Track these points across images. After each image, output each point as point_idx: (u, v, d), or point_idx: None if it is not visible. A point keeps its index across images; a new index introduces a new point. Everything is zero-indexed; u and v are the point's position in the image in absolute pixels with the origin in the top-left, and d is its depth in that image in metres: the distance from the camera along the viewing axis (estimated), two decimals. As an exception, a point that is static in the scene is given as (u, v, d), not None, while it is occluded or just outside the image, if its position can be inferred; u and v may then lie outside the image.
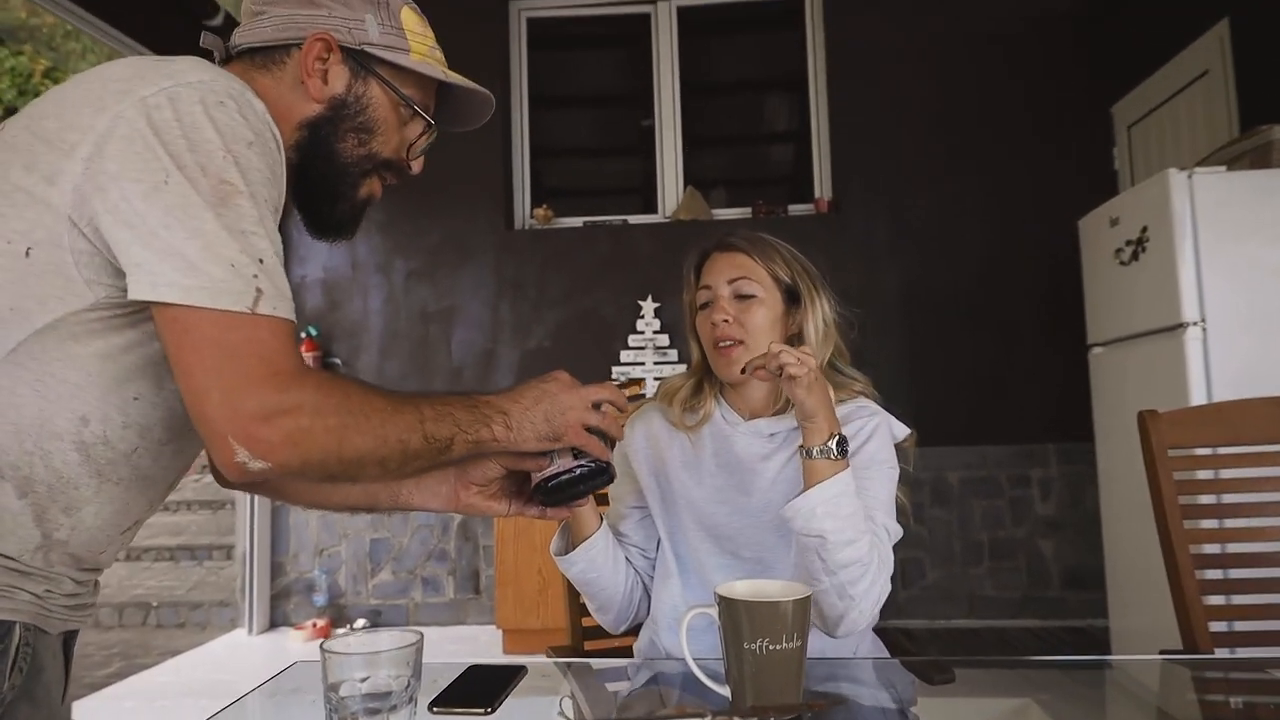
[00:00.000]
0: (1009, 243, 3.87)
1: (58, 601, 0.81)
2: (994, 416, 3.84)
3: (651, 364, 3.91)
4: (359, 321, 4.13)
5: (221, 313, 0.69)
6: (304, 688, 1.05)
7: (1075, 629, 3.66)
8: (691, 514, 1.24)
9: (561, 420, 0.90)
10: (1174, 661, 1.12)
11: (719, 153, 4.45)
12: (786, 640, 0.80)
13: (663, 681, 1.08)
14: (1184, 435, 1.30)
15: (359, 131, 0.93)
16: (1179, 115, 3.41)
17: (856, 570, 1.03)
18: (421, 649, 0.74)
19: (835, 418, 1.09)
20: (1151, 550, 1.35)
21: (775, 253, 1.27)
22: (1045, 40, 3.92)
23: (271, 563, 4.05)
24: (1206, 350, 2.37)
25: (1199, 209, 2.40)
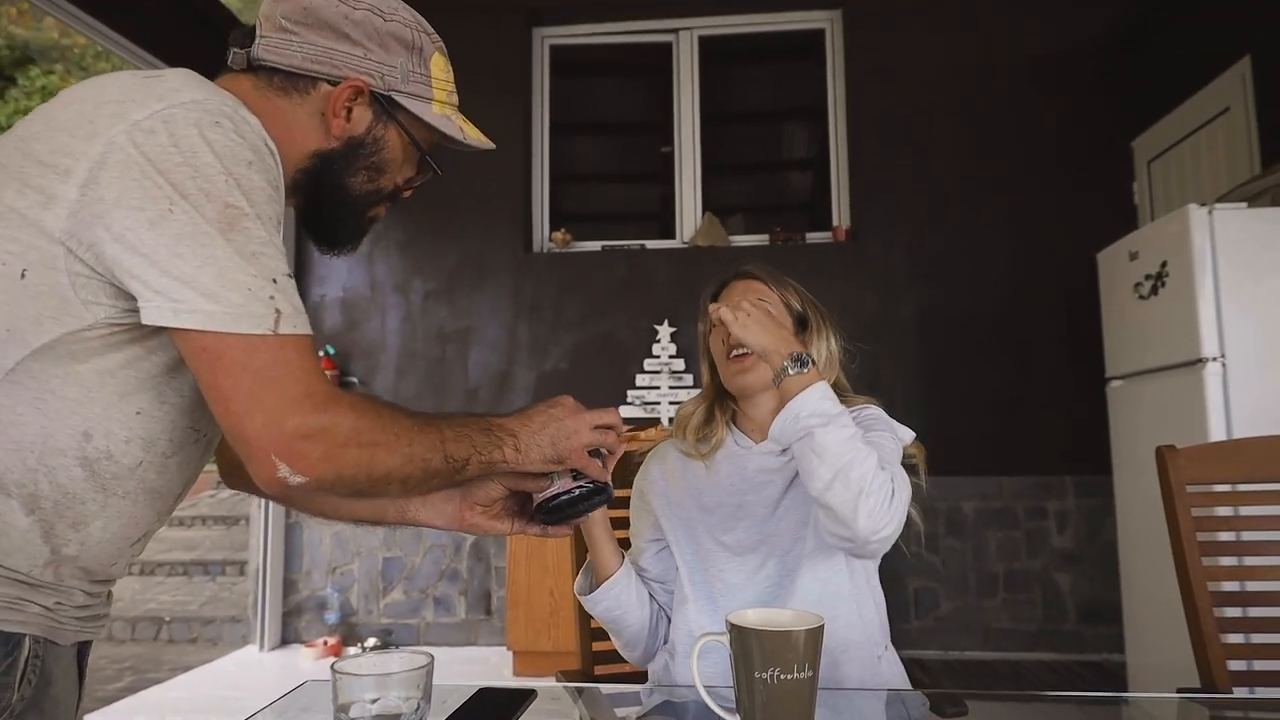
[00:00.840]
0: (1027, 274, 3.86)
1: (69, 614, 0.81)
2: (1011, 447, 3.81)
3: (667, 388, 3.92)
4: (376, 341, 4.16)
5: (245, 336, 0.70)
6: (314, 707, 1.05)
7: (1091, 664, 3.60)
8: (711, 536, 1.25)
9: (566, 444, 0.91)
10: (1191, 700, 1.10)
11: (738, 180, 4.48)
12: (798, 670, 0.80)
13: (673, 709, 1.07)
14: (1203, 471, 1.29)
15: (370, 170, 0.95)
16: (1200, 151, 3.41)
17: (855, 454, 1.03)
18: (432, 671, 0.74)
19: (792, 342, 1.12)
20: (1169, 586, 1.34)
21: (789, 283, 1.33)
22: (1067, 73, 3.93)
23: (284, 579, 4.06)
24: (1226, 386, 2.35)
25: (1219, 244, 2.39)
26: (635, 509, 1.37)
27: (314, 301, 4.20)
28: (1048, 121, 3.92)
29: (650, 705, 1.07)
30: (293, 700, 1.06)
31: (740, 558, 1.23)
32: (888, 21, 4.07)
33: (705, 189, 4.28)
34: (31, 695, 0.76)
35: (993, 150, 3.94)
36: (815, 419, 1.05)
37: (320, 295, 4.20)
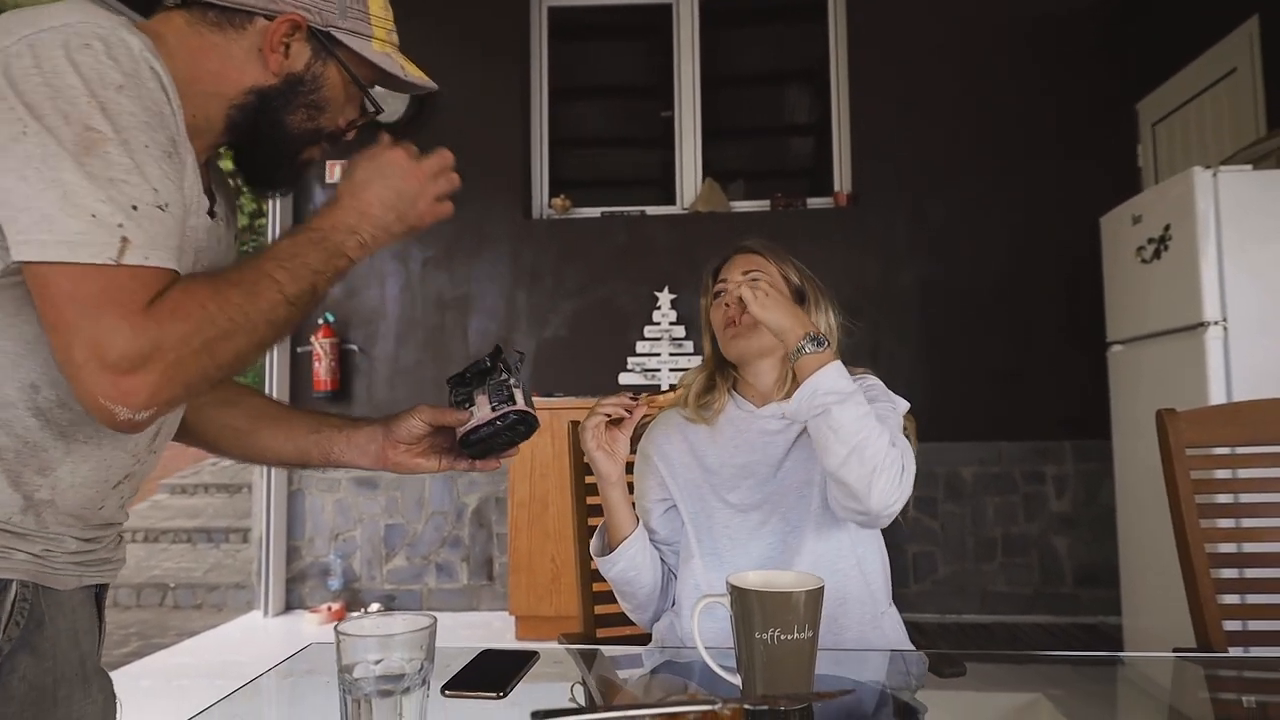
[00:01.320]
0: (1029, 239, 3.83)
1: (61, 559, 0.82)
2: (1010, 413, 3.81)
3: (667, 354, 3.91)
4: (376, 309, 4.15)
5: (80, 266, 0.67)
6: (318, 669, 1.06)
7: (1087, 626, 3.64)
8: (716, 495, 1.28)
9: (414, 212, 0.90)
10: (1187, 659, 1.12)
11: (738, 145, 4.43)
12: (798, 631, 0.81)
13: (675, 669, 1.09)
14: (1202, 434, 1.29)
15: (310, 108, 0.93)
16: (1205, 113, 3.36)
17: (868, 432, 1.08)
18: (435, 633, 0.75)
19: (807, 322, 1.16)
20: (1167, 548, 1.35)
21: (788, 258, 1.36)
22: (1071, 35, 3.87)
23: (287, 546, 4.09)
24: (1227, 350, 2.34)
25: (1223, 208, 2.37)
26: (640, 472, 1.38)
27: (312, 269, 4.18)
28: (1052, 84, 3.87)
29: (651, 668, 1.08)
30: (297, 663, 1.07)
31: (744, 515, 1.26)
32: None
33: (706, 154, 4.24)
34: (20, 636, 0.77)
35: (995, 114, 3.89)
36: (832, 396, 1.08)
37: (318, 263, 4.18)
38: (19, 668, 0.77)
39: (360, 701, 0.70)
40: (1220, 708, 1.00)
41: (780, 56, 4.41)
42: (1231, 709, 1.01)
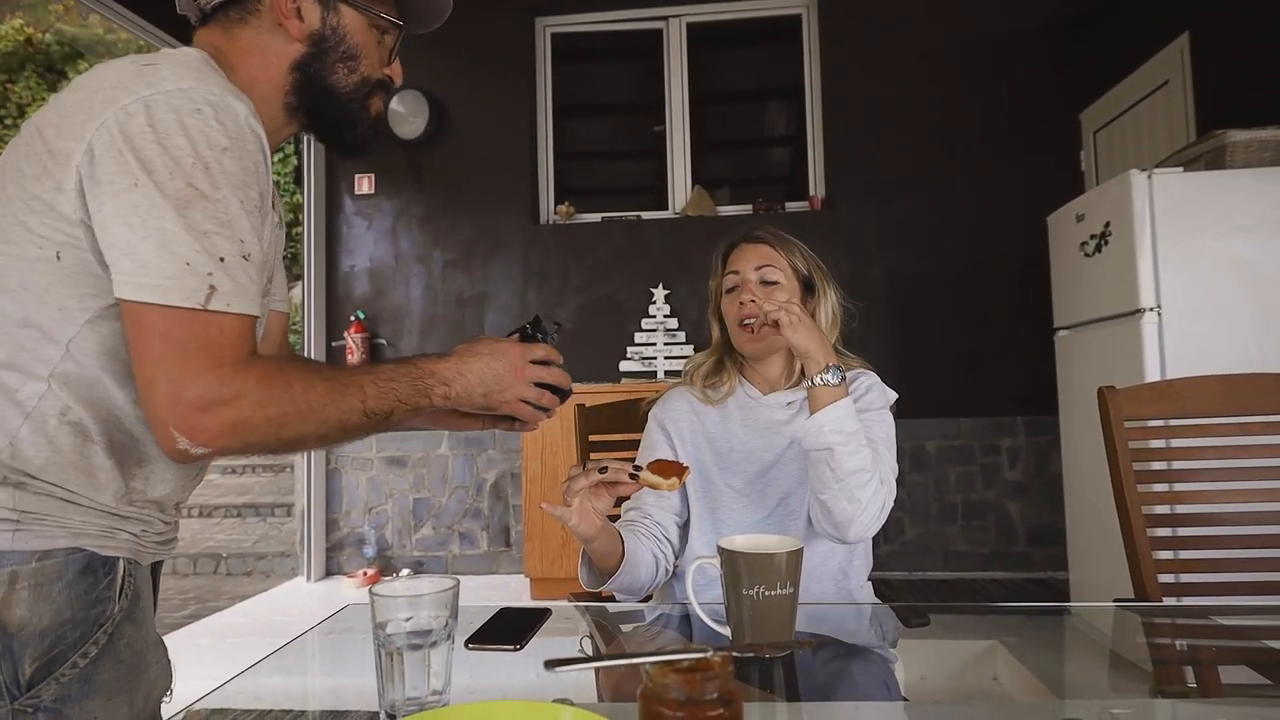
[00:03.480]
0: (984, 236, 3.83)
1: (151, 539, 0.83)
2: (968, 392, 3.82)
3: (662, 344, 3.91)
4: (402, 307, 4.14)
5: (171, 309, 0.68)
6: (355, 627, 1.06)
7: (1039, 580, 3.66)
8: (722, 479, 1.25)
9: (499, 398, 0.89)
10: (1126, 608, 1.12)
11: (724, 155, 4.41)
12: (780, 588, 0.81)
13: (671, 623, 1.09)
14: (1139, 408, 1.30)
15: (345, 60, 0.89)
16: (1141, 121, 3.36)
17: (862, 477, 1.07)
18: (458, 593, 0.75)
19: (830, 352, 1.12)
20: (1108, 511, 1.35)
21: (795, 247, 1.30)
22: (1020, 52, 3.85)
23: (326, 519, 4.10)
24: (1161, 333, 2.35)
25: (1157, 206, 2.36)
26: (653, 442, 1.31)
27: (344, 272, 4.17)
28: (1004, 97, 3.85)
29: (654, 619, 1.09)
30: (336, 622, 1.08)
31: (745, 499, 1.23)
32: (859, 7, 3.97)
33: (694, 164, 4.23)
34: (127, 608, 0.79)
35: (954, 124, 3.88)
36: (837, 437, 1.06)
37: (350, 266, 4.17)
38: (125, 635, 0.78)
39: (393, 654, 0.71)
40: (1156, 650, 1.01)
41: (760, 76, 4.39)
42: (1165, 651, 1.02)
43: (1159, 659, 0.98)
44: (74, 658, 0.74)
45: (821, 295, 1.28)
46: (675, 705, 0.50)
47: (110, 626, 0.77)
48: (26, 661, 0.72)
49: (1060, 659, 1.01)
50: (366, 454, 4.09)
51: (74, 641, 0.74)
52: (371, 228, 4.17)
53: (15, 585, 0.72)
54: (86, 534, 0.76)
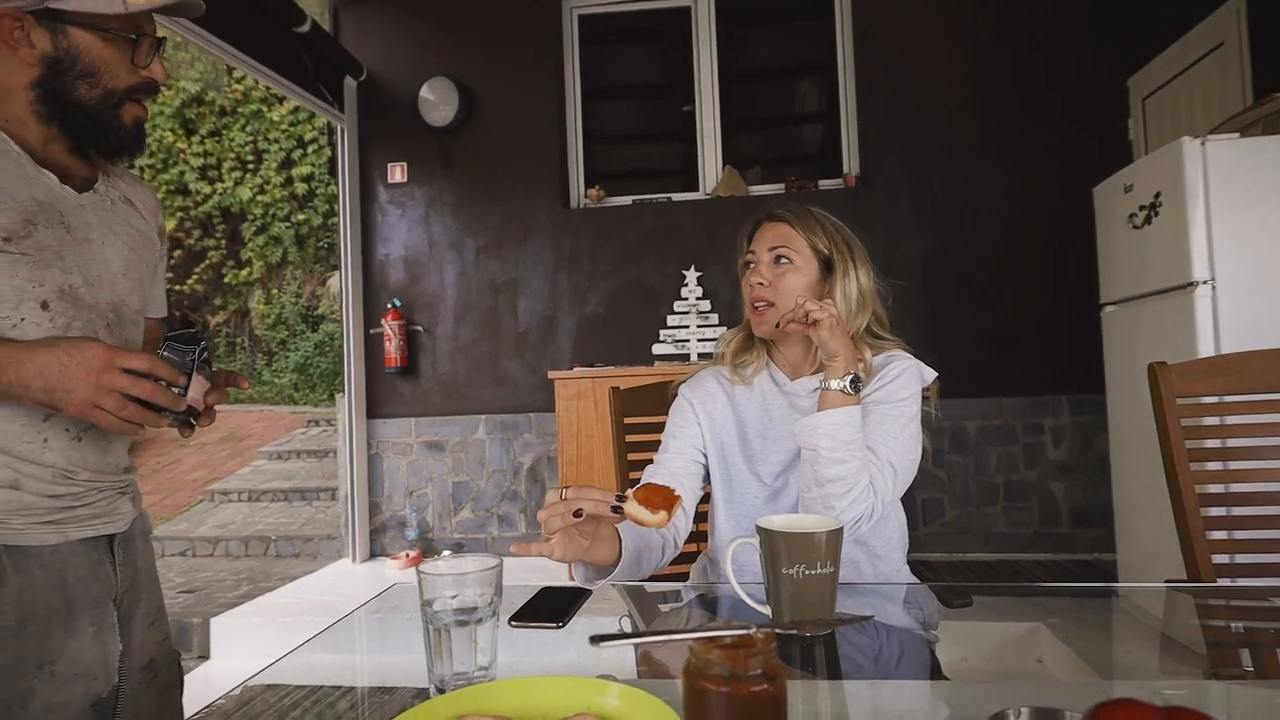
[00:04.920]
0: (1025, 211, 3.73)
1: (29, 520, 0.89)
2: (1010, 371, 3.74)
3: (695, 327, 3.90)
4: (436, 293, 4.19)
5: None
6: (401, 606, 1.09)
7: (1084, 562, 3.59)
8: (744, 462, 1.25)
9: (65, 398, 0.83)
10: (1178, 589, 1.09)
11: (755, 134, 4.36)
12: (821, 567, 0.81)
13: (708, 603, 1.09)
14: (1192, 385, 1.26)
15: (84, 78, 0.91)
16: (1193, 87, 3.22)
17: (840, 487, 1.06)
18: (502, 572, 0.76)
19: (854, 359, 1.11)
20: (1157, 490, 1.31)
21: (818, 225, 1.25)
22: (1063, 17, 3.72)
23: (369, 503, 4.18)
24: (1215, 307, 2.27)
25: (1211, 175, 2.27)
26: (683, 419, 1.29)
27: (379, 259, 4.23)
28: (1045, 66, 3.73)
29: (688, 601, 1.09)
30: (383, 601, 1.10)
31: (765, 485, 1.23)
32: (894, -24, 3.87)
33: (725, 144, 4.18)
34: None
35: (991, 97, 3.77)
36: (827, 441, 1.06)
37: (385, 254, 4.23)
38: None
39: (441, 631, 0.72)
40: (1209, 632, 0.98)
41: (791, 51, 4.31)
42: (1220, 634, 0.99)
43: (1213, 641, 0.96)
44: None
45: (842, 275, 1.23)
46: (719, 680, 0.51)
47: None
48: None
49: (1108, 641, 0.98)
50: (406, 439, 4.17)
51: None
52: (405, 216, 4.21)
53: None
54: None
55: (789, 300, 1.19)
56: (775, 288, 1.21)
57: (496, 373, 4.12)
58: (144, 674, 1.02)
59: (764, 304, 1.21)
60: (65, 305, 0.90)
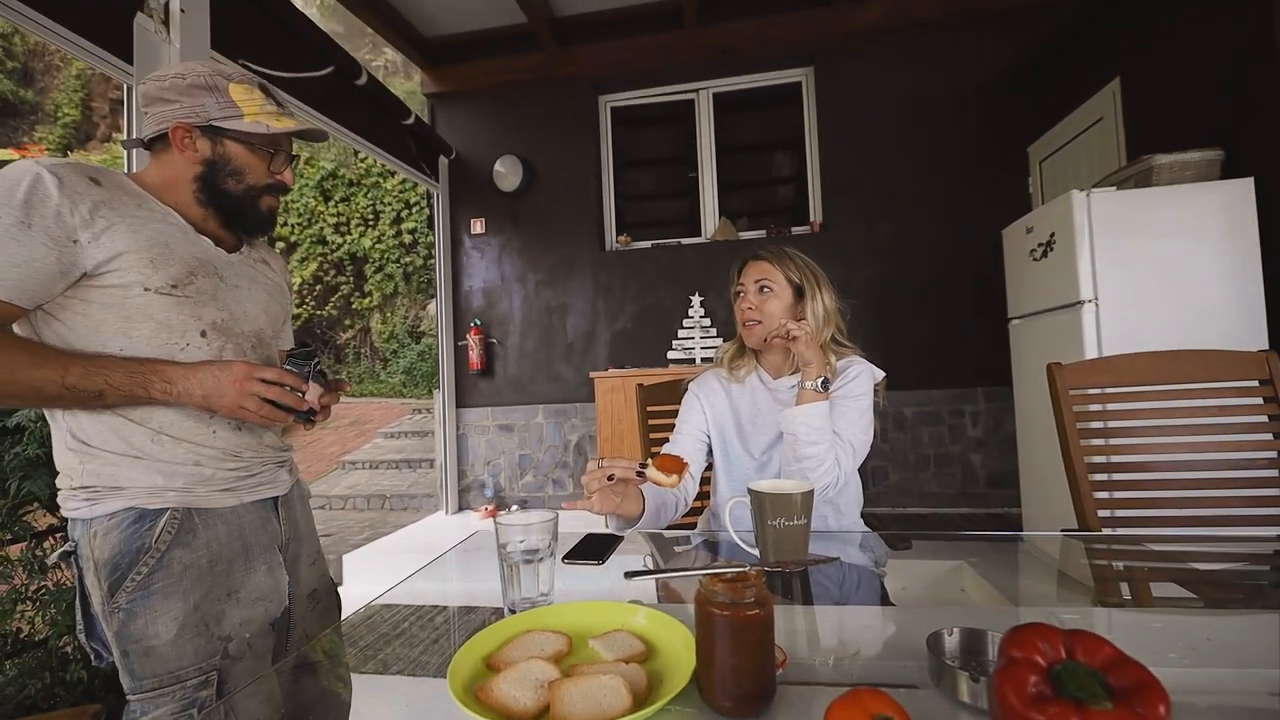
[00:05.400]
0: (948, 249, 3.66)
1: (212, 487, 0.89)
2: (939, 369, 3.68)
3: (699, 339, 3.89)
4: (507, 315, 4.22)
5: None
6: (483, 547, 1.10)
7: (996, 515, 3.51)
8: (739, 443, 1.24)
9: (218, 402, 0.84)
10: (1071, 537, 1.07)
11: (743, 192, 4.32)
12: (797, 519, 0.80)
13: (712, 546, 1.09)
14: (1081, 379, 1.23)
15: (232, 176, 0.92)
16: (1079, 151, 3.15)
17: (813, 463, 1.06)
18: (557, 523, 0.77)
19: (824, 365, 1.11)
20: (1054, 460, 1.28)
21: (790, 261, 1.25)
22: (977, 101, 3.65)
23: (458, 470, 4.22)
24: (1099, 320, 2.21)
25: (1095, 218, 2.22)
26: (690, 408, 1.29)
27: (465, 290, 4.27)
28: (963, 137, 3.66)
29: (696, 545, 1.09)
30: (468, 544, 1.12)
31: (755, 459, 1.22)
32: (846, 74, 3.83)
33: (720, 200, 4.17)
34: (171, 540, 0.84)
35: (924, 161, 3.71)
36: (804, 429, 1.07)
37: (469, 286, 4.27)
38: (175, 556, 0.84)
39: (512, 567, 0.72)
40: (1097, 570, 0.96)
41: (770, 130, 4.28)
42: (1105, 571, 0.96)
43: (1099, 577, 0.93)
44: (131, 575, 0.81)
45: (811, 298, 1.21)
46: (723, 606, 0.51)
47: (154, 554, 0.82)
48: (105, 581, 0.81)
49: (1016, 576, 0.97)
50: (484, 423, 4.20)
51: (128, 566, 0.81)
52: (483, 258, 4.25)
53: (95, 535, 0.81)
54: (138, 497, 0.83)
55: (771, 320, 1.19)
56: (760, 310, 1.21)
57: (551, 373, 4.14)
58: (309, 600, 1.03)
59: (753, 322, 1.22)
60: (218, 334, 0.91)
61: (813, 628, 0.72)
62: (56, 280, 0.78)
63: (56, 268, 0.78)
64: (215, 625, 0.86)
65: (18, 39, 9.76)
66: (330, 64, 2.92)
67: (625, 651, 0.59)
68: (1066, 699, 0.40)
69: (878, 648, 0.68)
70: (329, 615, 1.07)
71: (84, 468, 0.82)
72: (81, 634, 0.84)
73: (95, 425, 0.83)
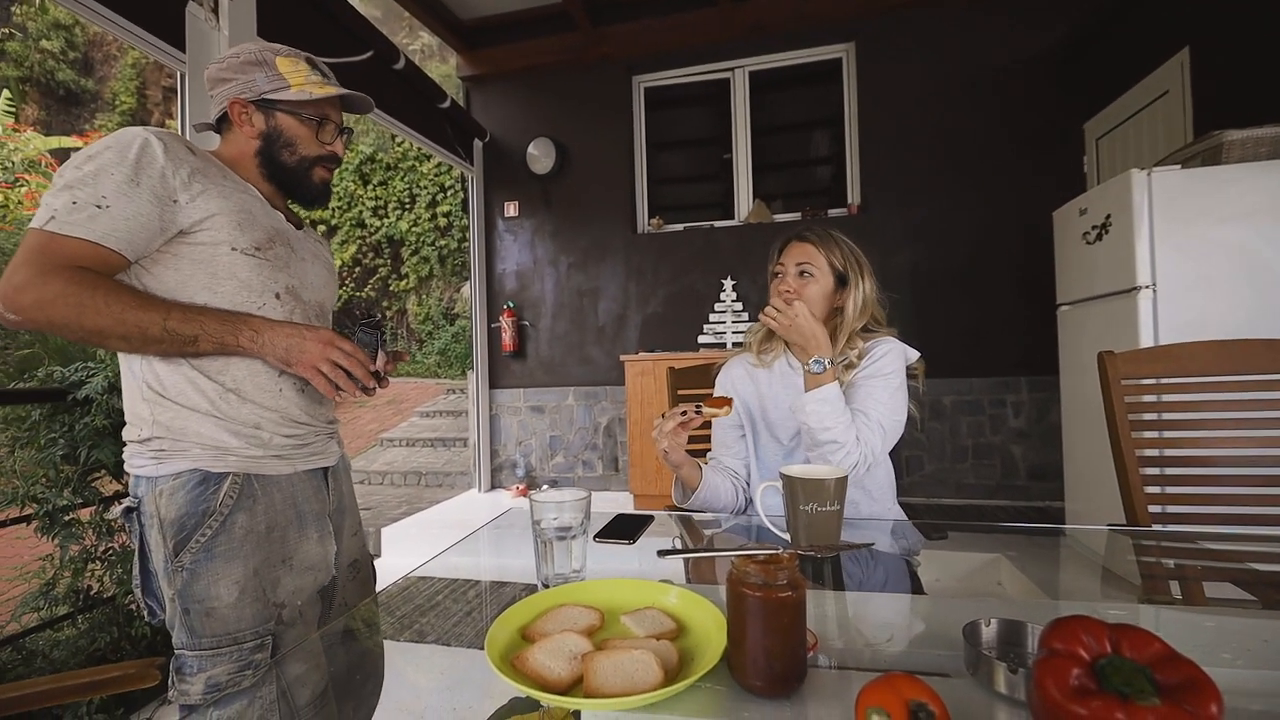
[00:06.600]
0: (993, 231, 3.52)
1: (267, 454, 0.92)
2: (978, 357, 3.56)
3: (730, 323, 3.85)
4: (539, 298, 4.25)
5: (32, 229, 0.78)
6: (516, 524, 1.12)
7: (1037, 508, 3.41)
8: (766, 430, 1.23)
9: (297, 356, 0.88)
10: (1118, 532, 1.03)
11: (778, 173, 4.23)
12: (830, 504, 0.80)
13: (743, 529, 1.09)
14: (1135, 369, 1.17)
15: (286, 147, 0.96)
16: (1141, 128, 2.96)
17: (832, 447, 1.05)
18: (590, 502, 0.78)
19: (822, 346, 1.08)
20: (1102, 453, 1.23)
21: (836, 246, 1.20)
22: (1026, 77, 3.47)
23: (490, 449, 4.30)
24: (1156, 307, 2.09)
25: (1156, 199, 2.09)
26: (721, 394, 1.29)
27: (498, 273, 4.32)
28: (1011, 114, 3.49)
29: (726, 528, 1.09)
30: (502, 521, 1.14)
31: (782, 446, 1.21)
32: (888, 47, 3.68)
33: (755, 182, 4.09)
34: (234, 504, 0.87)
35: (968, 140, 3.55)
36: (813, 417, 1.05)
37: (502, 269, 4.31)
38: (237, 520, 0.88)
39: (546, 542, 0.74)
40: (1145, 567, 0.92)
41: (808, 109, 4.16)
42: (1154, 568, 0.92)
43: (1148, 574, 0.89)
44: (196, 536, 0.85)
45: (854, 286, 1.17)
46: (755, 588, 0.51)
47: (218, 517, 0.85)
48: (170, 540, 0.84)
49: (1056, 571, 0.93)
50: (517, 404, 4.27)
51: (193, 526, 0.85)
52: (516, 241, 4.29)
53: (160, 494, 0.84)
54: (202, 459, 0.86)
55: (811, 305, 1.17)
56: (799, 294, 1.18)
57: (582, 356, 4.17)
58: (350, 569, 1.06)
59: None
60: (290, 299, 0.95)
61: (844, 613, 0.72)
62: (156, 236, 0.84)
63: (158, 224, 0.83)
64: (271, 591, 0.90)
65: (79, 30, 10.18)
66: (369, 49, 2.96)
67: (656, 628, 0.60)
68: (1111, 693, 0.39)
69: (910, 635, 0.67)
70: (367, 585, 1.11)
71: (155, 418, 0.87)
72: (137, 589, 0.88)
73: (172, 376, 0.87)
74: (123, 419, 1.66)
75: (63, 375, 1.71)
